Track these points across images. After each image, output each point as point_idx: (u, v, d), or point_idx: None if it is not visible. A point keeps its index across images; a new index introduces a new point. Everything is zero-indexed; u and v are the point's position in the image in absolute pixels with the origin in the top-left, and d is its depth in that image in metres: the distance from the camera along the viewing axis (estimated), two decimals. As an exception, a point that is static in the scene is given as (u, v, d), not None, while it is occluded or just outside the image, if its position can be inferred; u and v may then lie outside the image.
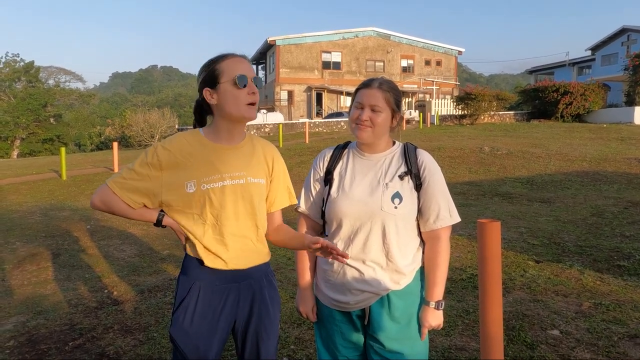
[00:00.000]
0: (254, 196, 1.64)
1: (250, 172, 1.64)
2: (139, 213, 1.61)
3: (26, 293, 4.21)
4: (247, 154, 1.67)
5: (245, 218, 1.63)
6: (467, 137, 16.98)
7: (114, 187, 1.57)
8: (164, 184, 1.58)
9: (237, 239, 1.61)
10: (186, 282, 1.61)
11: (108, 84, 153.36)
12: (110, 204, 1.58)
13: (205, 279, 1.60)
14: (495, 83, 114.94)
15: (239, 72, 1.57)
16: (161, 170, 1.58)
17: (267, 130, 24.47)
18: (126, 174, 1.59)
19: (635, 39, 32.31)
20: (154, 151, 1.59)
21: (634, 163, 11.41)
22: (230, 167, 1.61)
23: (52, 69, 57.81)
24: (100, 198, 1.59)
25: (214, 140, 1.63)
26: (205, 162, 1.59)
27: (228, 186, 1.59)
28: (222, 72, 1.57)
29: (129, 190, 1.57)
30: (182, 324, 1.57)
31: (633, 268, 4.33)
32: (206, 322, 1.58)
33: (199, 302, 1.58)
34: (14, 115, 40.20)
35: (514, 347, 2.90)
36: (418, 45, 38.59)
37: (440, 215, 1.69)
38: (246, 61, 1.63)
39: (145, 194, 1.58)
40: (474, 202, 8.08)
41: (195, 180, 1.57)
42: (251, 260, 1.64)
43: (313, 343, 2.94)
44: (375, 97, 1.68)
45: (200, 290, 1.59)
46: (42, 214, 7.60)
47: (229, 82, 1.56)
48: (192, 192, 1.57)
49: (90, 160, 16.62)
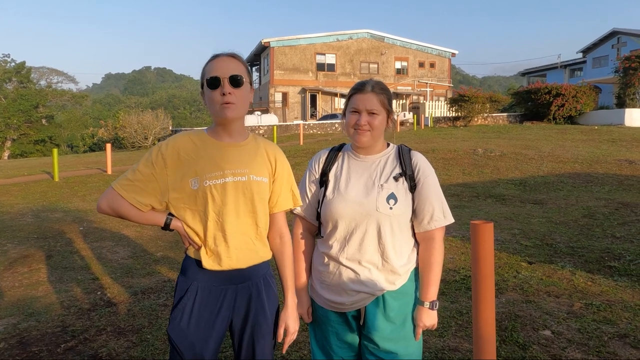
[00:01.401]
0: (255, 194, 1.63)
1: (253, 170, 1.64)
2: (147, 216, 1.60)
3: (17, 295, 4.18)
4: (250, 152, 1.67)
5: (246, 215, 1.63)
6: (460, 139, 17.07)
7: (120, 190, 1.55)
8: (170, 182, 1.58)
9: (237, 236, 1.61)
10: (184, 283, 1.62)
11: (101, 85, 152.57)
12: (118, 208, 1.56)
13: (203, 280, 1.60)
14: (489, 85, 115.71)
15: (212, 74, 1.57)
16: (166, 169, 1.58)
17: (261, 132, 24.45)
18: (131, 175, 1.58)
19: (625, 41, 32.68)
20: (158, 150, 1.60)
21: (624, 165, 11.53)
22: (232, 164, 1.61)
23: (44, 69, 57.39)
24: (107, 202, 1.57)
25: (215, 137, 1.65)
26: (208, 158, 1.60)
27: (229, 183, 1.59)
28: (204, 74, 1.60)
29: (136, 192, 1.56)
30: (179, 323, 1.58)
31: (623, 269, 4.38)
32: (203, 322, 1.59)
33: (196, 303, 1.59)
34: (5, 116, 39.90)
35: (507, 348, 2.92)
36: (412, 47, 38.77)
37: (434, 217, 1.70)
38: (228, 59, 1.60)
39: (152, 194, 1.58)
40: (468, 203, 8.13)
41: (198, 177, 1.57)
42: (250, 258, 1.64)
43: (307, 344, 2.95)
44: (371, 101, 1.69)
45: (198, 290, 1.60)
46: (34, 215, 7.54)
47: (205, 84, 1.59)
48: (195, 189, 1.57)
49: (83, 161, 16.51)
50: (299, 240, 1.84)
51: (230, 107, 1.57)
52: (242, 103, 1.61)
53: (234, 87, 1.57)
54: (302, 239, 1.84)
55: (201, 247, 1.60)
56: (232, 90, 1.57)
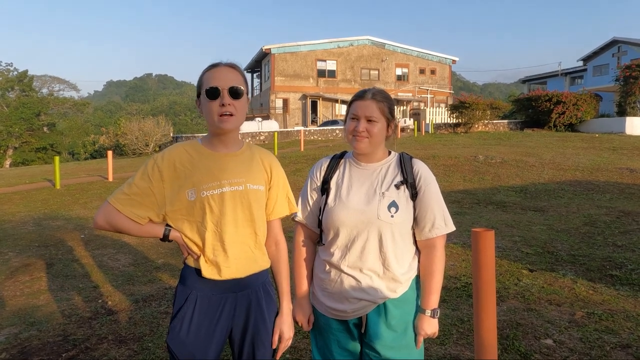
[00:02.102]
0: (252, 202, 1.64)
1: (249, 179, 1.65)
2: (145, 229, 1.59)
3: (19, 304, 4.17)
4: (246, 161, 1.68)
5: (244, 225, 1.63)
6: (461, 146, 17.09)
7: (116, 204, 1.54)
8: (167, 194, 1.58)
9: (236, 246, 1.61)
10: (183, 292, 1.62)
11: (102, 93, 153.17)
12: (115, 223, 1.55)
13: (202, 289, 1.60)
14: (489, 92, 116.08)
15: (211, 84, 1.56)
16: (163, 182, 1.58)
17: (262, 138, 24.51)
18: (127, 189, 1.56)
19: (626, 50, 32.80)
20: (154, 162, 1.59)
21: (625, 173, 11.53)
22: (229, 174, 1.61)
23: (46, 77, 57.65)
24: (104, 218, 1.55)
25: (211, 148, 1.65)
26: (204, 169, 1.60)
27: (227, 192, 1.59)
28: (202, 84, 1.60)
29: (133, 206, 1.55)
30: (179, 333, 1.58)
31: (625, 278, 4.36)
32: (202, 332, 1.59)
33: (196, 312, 1.59)
34: (7, 124, 40.04)
35: (508, 356, 2.91)
36: (412, 54, 38.94)
37: (435, 224, 1.71)
38: (227, 70, 1.59)
39: (149, 207, 1.57)
40: (468, 210, 8.12)
41: (195, 188, 1.57)
42: (249, 267, 1.65)
43: (308, 352, 2.94)
44: (370, 108, 1.71)
45: (197, 299, 1.59)
46: (36, 223, 7.55)
47: (203, 94, 1.58)
48: (193, 200, 1.57)
49: (84, 169, 16.54)
50: (300, 247, 1.84)
51: (230, 120, 1.57)
52: (241, 114, 1.61)
53: (233, 99, 1.57)
54: (304, 247, 1.84)
55: (200, 256, 1.60)
56: (232, 101, 1.57)
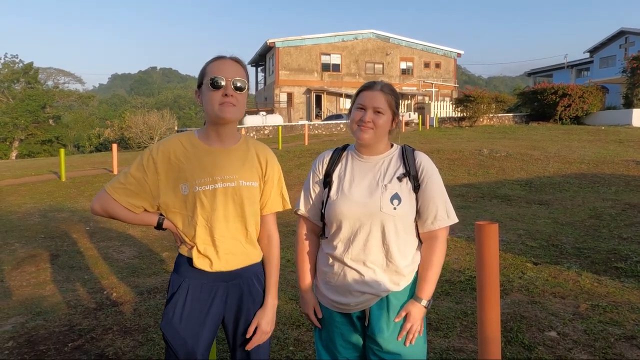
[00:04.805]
0: (244, 199, 1.66)
1: (242, 175, 1.66)
2: (139, 217, 1.64)
3: (25, 294, 4.22)
4: (240, 156, 1.69)
5: (235, 220, 1.65)
6: (466, 140, 17.01)
7: (112, 192, 1.59)
8: (161, 186, 1.61)
9: (226, 241, 1.64)
10: (176, 280, 1.66)
11: (107, 86, 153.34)
12: (111, 210, 1.61)
13: (194, 277, 1.64)
14: (494, 85, 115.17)
15: (216, 74, 1.57)
16: (157, 174, 1.61)
17: (266, 132, 24.49)
18: (123, 178, 1.61)
19: (633, 41, 32.43)
20: (149, 154, 1.62)
21: (631, 165, 11.44)
22: (222, 170, 1.63)
23: (51, 70, 57.60)
24: (100, 205, 1.61)
25: (206, 142, 1.66)
26: (198, 164, 1.61)
27: (219, 189, 1.62)
28: (205, 74, 1.61)
29: (128, 195, 1.59)
30: (172, 319, 1.62)
31: (630, 270, 4.35)
32: (194, 318, 1.62)
33: (188, 299, 1.62)
34: (13, 116, 40.17)
35: (512, 349, 2.91)
36: (417, 48, 38.67)
37: (438, 216, 1.70)
38: (232, 63, 1.61)
39: (144, 197, 1.61)
40: (473, 204, 8.10)
41: (188, 182, 1.60)
42: (240, 261, 1.68)
43: (312, 344, 2.95)
44: (378, 100, 1.70)
45: (189, 287, 1.63)
46: (41, 215, 7.60)
47: (207, 83, 1.59)
48: (186, 195, 1.60)
49: (89, 161, 16.61)
50: (303, 241, 1.85)
51: (231, 108, 1.58)
52: (241, 107, 1.63)
53: (236, 91, 1.59)
54: (307, 240, 1.85)
55: (194, 246, 1.63)
56: (235, 93, 1.59)
